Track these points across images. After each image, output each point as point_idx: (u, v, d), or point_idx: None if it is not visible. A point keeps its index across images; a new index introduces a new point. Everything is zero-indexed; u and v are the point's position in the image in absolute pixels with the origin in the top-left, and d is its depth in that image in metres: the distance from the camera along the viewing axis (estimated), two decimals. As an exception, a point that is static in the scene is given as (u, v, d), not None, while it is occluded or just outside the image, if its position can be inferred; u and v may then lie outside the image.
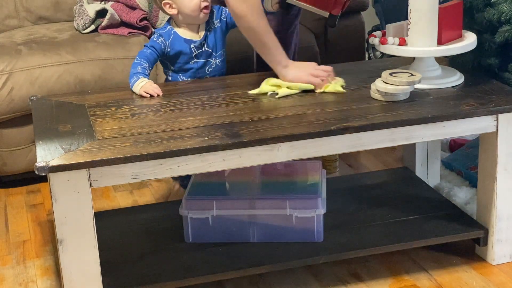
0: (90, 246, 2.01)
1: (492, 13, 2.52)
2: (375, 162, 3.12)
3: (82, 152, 1.99)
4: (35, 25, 3.41)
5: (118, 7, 3.21)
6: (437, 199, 2.56)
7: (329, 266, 2.36)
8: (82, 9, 3.26)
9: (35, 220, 2.81)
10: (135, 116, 2.24)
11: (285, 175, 2.51)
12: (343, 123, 2.11)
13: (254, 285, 2.30)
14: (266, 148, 2.07)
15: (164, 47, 2.56)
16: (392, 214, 2.46)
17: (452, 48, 2.34)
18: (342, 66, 2.67)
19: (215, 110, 2.27)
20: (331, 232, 2.36)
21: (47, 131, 2.16)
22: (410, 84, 2.23)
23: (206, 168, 2.05)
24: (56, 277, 2.41)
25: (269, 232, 2.34)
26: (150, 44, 2.57)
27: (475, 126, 2.22)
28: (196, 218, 2.33)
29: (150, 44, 2.57)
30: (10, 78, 2.91)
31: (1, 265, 2.52)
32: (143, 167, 1.99)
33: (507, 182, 2.29)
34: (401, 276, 2.32)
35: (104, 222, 2.44)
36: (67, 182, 1.95)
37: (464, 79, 2.41)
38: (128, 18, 3.17)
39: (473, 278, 2.29)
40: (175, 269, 2.22)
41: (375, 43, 2.38)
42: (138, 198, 2.92)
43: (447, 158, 2.89)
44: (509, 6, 2.50)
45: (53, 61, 2.97)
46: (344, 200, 2.56)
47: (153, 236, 2.41)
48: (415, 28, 2.31)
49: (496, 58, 2.57)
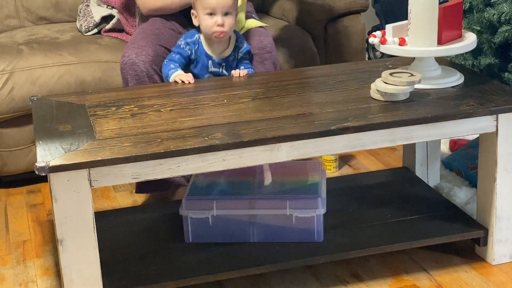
0: (90, 246, 2.01)
1: (492, 13, 2.53)
2: (375, 162, 3.12)
3: (82, 152, 1.99)
4: (35, 25, 3.42)
5: (122, 17, 3.22)
6: (437, 199, 2.56)
7: (329, 266, 2.36)
8: (87, 10, 3.26)
9: (35, 220, 2.81)
10: (135, 116, 2.24)
11: (285, 175, 2.51)
12: (343, 123, 2.11)
13: (254, 285, 2.30)
14: (266, 148, 2.07)
15: (190, 55, 2.64)
16: (392, 214, 2.46)
17: (452, 48, 2.34)
18: (342, 66, 2.67)
19: (215, 110, 2.27)
20: (331, 232, 2.36)
21: (47, 131, 2.16)
22: (410, 84, 2.23)
23: (206, 168, 2.05)
24: (56, 277, 2.42)
25: (269, 232, 2.34)
26: (178, 51, 2.64)
27: (475, 126, 2.22)
28: (196, 218, 2.34)
29: (178, 51, 2.64)
30: (11, 77, 2.91)
31: (1, 265, 2.52)
32: (143, 167, 1.99)
33: (507, 182, 2.29)
34: (401, 276, 2.32)
35: (104, 222, 2.44)
36: (67, 182, 1.95)
37: (464, 79, 2.41)
38: (131, 32, 3.18)
39: (473, 278, 2.29)
40: (175, 269, 2.22)
41: (375, 43, 2.38)
42: (138, 198, 2.92)
43: (447, 158, 2.89)
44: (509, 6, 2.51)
45: (54, 61, 2.97)
46: (344, 200, 2.56)
47: (153, 236, 2.41)
48: (415, 28, 2.31)
49: (496, 58, 2.57)
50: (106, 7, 3.26)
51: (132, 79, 2.63)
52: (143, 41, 2.71)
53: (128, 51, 2.67)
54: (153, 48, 2.68)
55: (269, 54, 2.73)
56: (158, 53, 2.69)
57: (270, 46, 2.75)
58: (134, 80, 2.63)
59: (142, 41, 2.71)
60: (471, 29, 2.76)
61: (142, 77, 2.63)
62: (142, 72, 2.62)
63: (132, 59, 2.64)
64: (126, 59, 2.65)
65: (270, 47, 2.75)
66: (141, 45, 2.68)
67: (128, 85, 2.64)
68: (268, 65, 2.72)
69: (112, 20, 3.21)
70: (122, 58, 2.67)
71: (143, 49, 2.66)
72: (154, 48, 2.69)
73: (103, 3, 3.27)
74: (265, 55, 2.72)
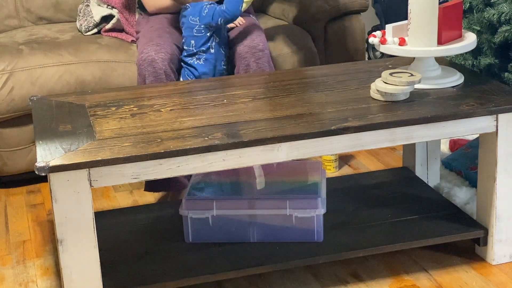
0: (90, 246, 2.01)
1: (492, 13, 2.53)
2: (375, 162, 3.12)
3: (82, 152, 1.99)
4: (35, 25, 3.42)
5: (122, 17, 3.22)
6: (437, 199, 2.56)
7: (329, 266, 2.36)
8: (87, 10, 3.26)
9: (35, 220, 2.81)
10: (135, 116, 2.24)
11: (285, 175, 2.51)
12: (343, 123, 2.11)
13: (254, 285, 2.30)
14: (266, 148, 2.07)
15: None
16: (392, 214, 2.46)
17: (452, 48, 2.34)
18: (342, 66, 2.67)
19: (215, 110, 2.27)
20: (331, 232, 2.36)
21: (47, 131, 2.16)
22: (410, 84, 2.23)
23: (206, 168, 2.05)
24: (56, 277, 2.42)
25: (269, 232, 2.34)
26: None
27: (475, 126, 2.22)
28: (196, 218, 2.34)
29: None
30: (11, 77, 2.91)
31: (1, 265, 2.52)
32: (143, 167, 1.99)
33: (507, 182, 2.29)
34: (401, 276, 2.32)
35: (104, 222, 2.44)
36: (67, 182, 1.95)
37: (464, 79, 2.41)
38: (131, 31, 3.18)
39: (473, 278, 2.29)
40: (175, 269, 2.22)
41: (375, 43, 2.38)
42: (138, 198, 2.92)
43: (447, 158, 2.89)
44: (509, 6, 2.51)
45: (54, 61, 2.97)
46: (344, 200, 2.56)
47: (153, 236, 2.41)
48: (415, 28, 2.31)
49: (496, 58, 2.57)
50: (106, 7, 3.26)
51: (149, 76, 2.64)
52: (160, 39, 2.72)
53: (147, 48, 2.68)
54: (170, 47, 2.72)
55: (262, 53, 2.74)
56: (174, 52, 2.72)
57: (263, 44, 2.76)
58: (152, 77, 2.64)
59: (160, 39, 2.72)
60: (471, 29, 2.76)
61: (160, 74, 2.64)
62: (161, 69, 2.64)
63: (152, 56, 2.65)
64: (145, 56, 2.66)
65: (263, 45, 2.75)
66: (159, 43, 2.70)
67: (145, 82, 2.65)
68: (261, 63, 2.73)
69: (112, 20, 3.21)
70: (140, 55, 2.68)
71: (162, 47, 2.68)
72: (171, 46, 2.72)
73: (103, 3, 3.27)
74: (258, 54, 2.73)
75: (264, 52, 2.74)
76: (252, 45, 2.74)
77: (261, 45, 2.75)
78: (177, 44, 2.78)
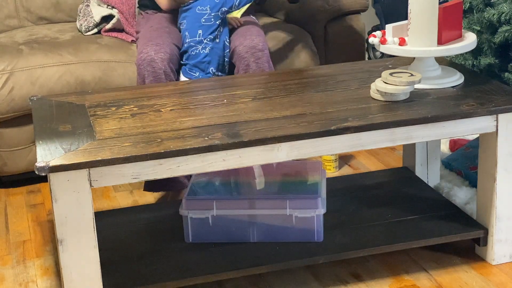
0: (90, 246, 2.01)
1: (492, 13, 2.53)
2: (375, 162, 3.12)
3: (82, 152, 1.99)
4: (35, 25, 3.42)
5: (122, 17, 3.22)
6: (437, 199, 2.56)
7: (329, 266, 2.36)
8: (87, 10, 3.26)
9: (35, 220, 2.81)
10: (135, 116, 2.24)
11: (285, 175, 2.51)
12: (343, 123, 2.11)
13: (254, 285, 2.30)
14: (266, 148, 2.07)
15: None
16: (392, 214, 2.46)
17: (452, 48, 2.34)
18: (342, 66, 2.67)
19: (215, 110, 2.27)
20: (331, 232, 2.36)
21: (47, 131, 2.16)
22: (410, 84, 2.23)
23: (206, 168, 2.05)
24: (56, 277, 2.42)
25: (269, 232, 2.34)
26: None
27: (475, 126, 2.22)
28: (196, 218, 2.34)
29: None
30: (11, 77, 2.91)
31: (1, 265, 2.52)
32: (143, 167, 1.99)
33: (507, 182, 2.29)
34: (401, 276, 2.32)
35: (104, 222, 2.44)
36: (67, 182, 1.95)
37: (464, 79, 2.41)
38: (131, 31, 3.18)
39: (473, 278, 2.29)
40: (175, 269, 2.22)
41: (375, 43, 2.38)
42: (138, 198, 2.92)
43: (447, 158, 2.89)
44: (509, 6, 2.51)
45: (54, 61, 2.97)
46: (344, 200, 2.56)
47: (153, 236, 2.41)
48: (415, 28, 2.31)
49: (496, 58, 2.57)
50: (106, 7, 3.26)
51: (149, 76, 2.64)
52: (160, 39, 2.72)
53: (146, 48, 2.68)
54: (170, 47, 2.71)
55: (262, 53, 2.74)
56: (173, 52, 2.71)
57: (262, 44, 2.76)
58: (151, 77, 2.64)
59: (159, 39, 2.72)
60: (471, 29, 2.76)
61: (159, 74, 2.64)
62: (160, 69, 2.64)
63: (151, 56, 2.65)
64: (145, 56, 2.65)
65: (262, 45, 2.75)
66: (159, 43, 2.70)
67: (145, 82, 2.65)
68: (261, 63, 2.73)
69: (112, 20, 3.21)
70: (139, 55, 2.68)
71: (161, 47, 2.68)
72: (170, 46, 2.72)
73: (103, 3, 3.27)
74: (258, 54, 2.73)
75: (264, 52, 2.74)
76: (251, 45, 2.74)
77: (261, 45, 2.75)
78: (177, 44, 2.78)
